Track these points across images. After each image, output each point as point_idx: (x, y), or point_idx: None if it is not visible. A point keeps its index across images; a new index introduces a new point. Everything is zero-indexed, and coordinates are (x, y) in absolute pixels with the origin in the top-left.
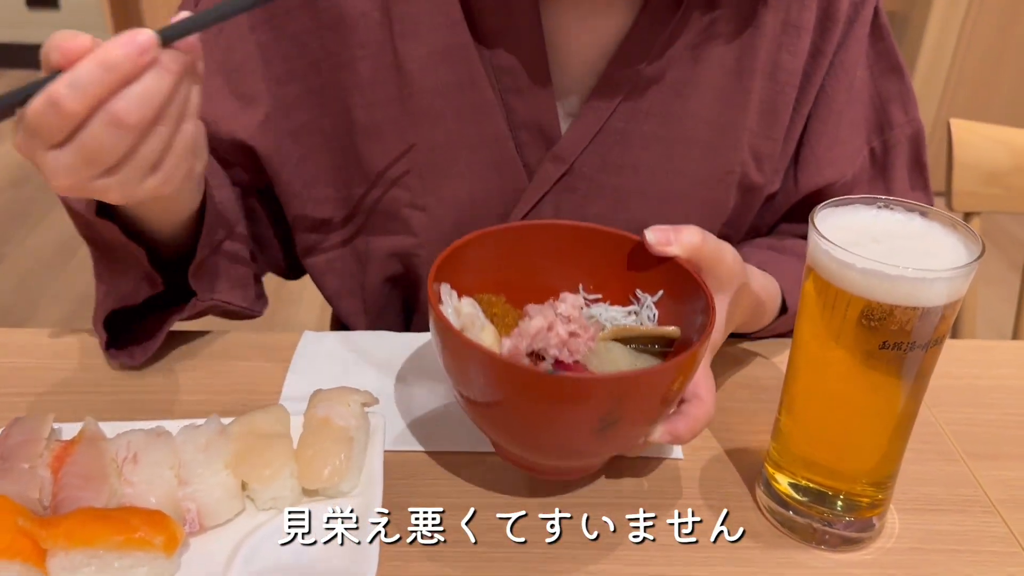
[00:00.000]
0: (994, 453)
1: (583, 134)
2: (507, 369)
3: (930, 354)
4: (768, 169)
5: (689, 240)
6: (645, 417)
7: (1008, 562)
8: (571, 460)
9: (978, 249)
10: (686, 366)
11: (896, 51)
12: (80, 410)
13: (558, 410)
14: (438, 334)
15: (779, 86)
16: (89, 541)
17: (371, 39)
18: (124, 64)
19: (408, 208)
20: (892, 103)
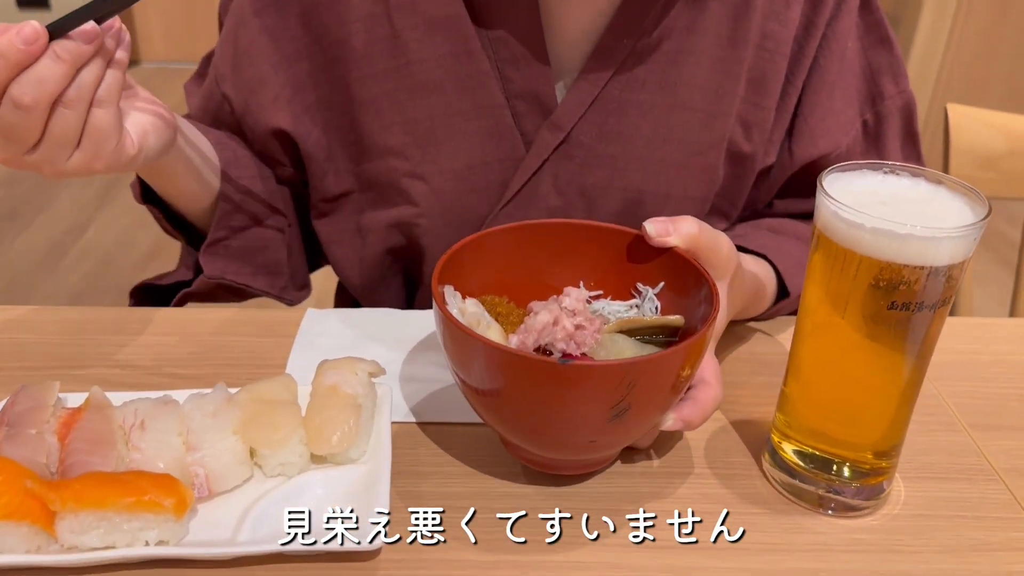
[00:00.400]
0: (997, 424)
1: (580, 102)
2: (518, 361)
3: (937, 315)
4: (757, 139)
5: (687, 230)
6: (657, 403)
7: (1013, 527)
8: (585, 452)
9: (984, 210)
10: (695, 349)
11: (885, 23)
12: (85, 383)
13: (571, 399)
14: (446, 333)
15: (768, 54)
16: (98, 503)
17: (366, 12)
18: (11, 53)
19: (408, 178)
20: (883, 75)
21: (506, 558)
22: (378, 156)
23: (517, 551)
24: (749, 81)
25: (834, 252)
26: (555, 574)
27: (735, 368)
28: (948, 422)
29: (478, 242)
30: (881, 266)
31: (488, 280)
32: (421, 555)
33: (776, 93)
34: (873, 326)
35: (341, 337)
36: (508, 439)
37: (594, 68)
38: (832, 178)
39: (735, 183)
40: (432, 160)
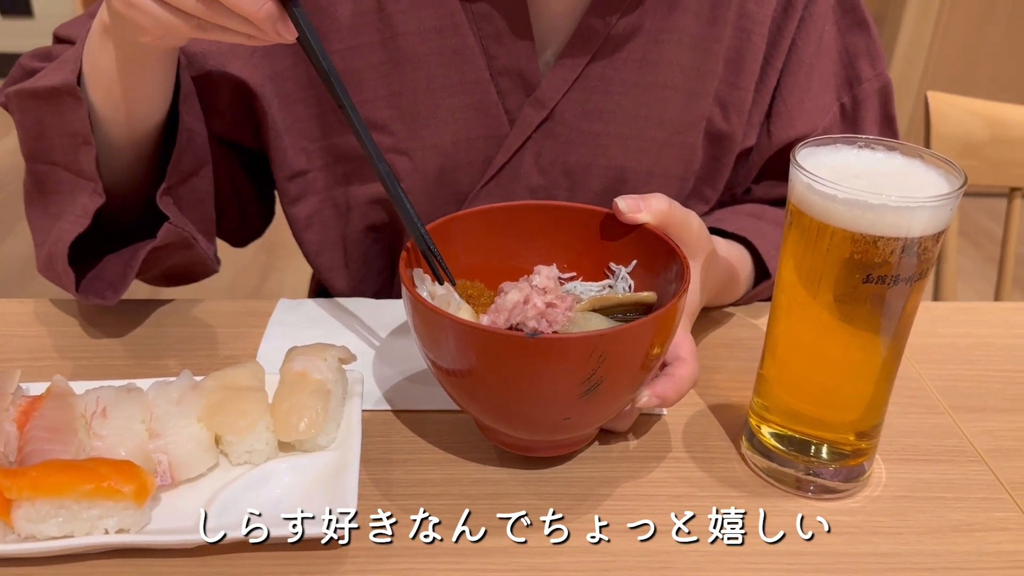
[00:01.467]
0: (979, 406)
1: (563, 80)
2: (487, 337)
3: (914, 289)
4: (735, 119)
5: (658, 206)
6: (629, 377)
7: (995, 508)
8: (560, 431)
9: (960, 181)
10: (665, 321)
11: (862, 6)
12: (47, 375)
13: (542, 374)
14: (415, 314)
15: (745, 34)
16: (56, 491)
17: None
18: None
19: (391, 153)
20: (860, 58)
21: (506, 558)
22: None
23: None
24: (727, 61)
25: (808, 226)
26: (533, 559)
27: (713, 352)
28: (930, 404)
29: (447, 225)
30: (855, 238)
31: (458, 264)
32: (420, 554)
33: (754, 74)
34: (849, 302)
35: (313, 326)
36: (482, 421)
37: (577, 45)
38: (806, 152)
39: (714, 164)
40: (416, 136)
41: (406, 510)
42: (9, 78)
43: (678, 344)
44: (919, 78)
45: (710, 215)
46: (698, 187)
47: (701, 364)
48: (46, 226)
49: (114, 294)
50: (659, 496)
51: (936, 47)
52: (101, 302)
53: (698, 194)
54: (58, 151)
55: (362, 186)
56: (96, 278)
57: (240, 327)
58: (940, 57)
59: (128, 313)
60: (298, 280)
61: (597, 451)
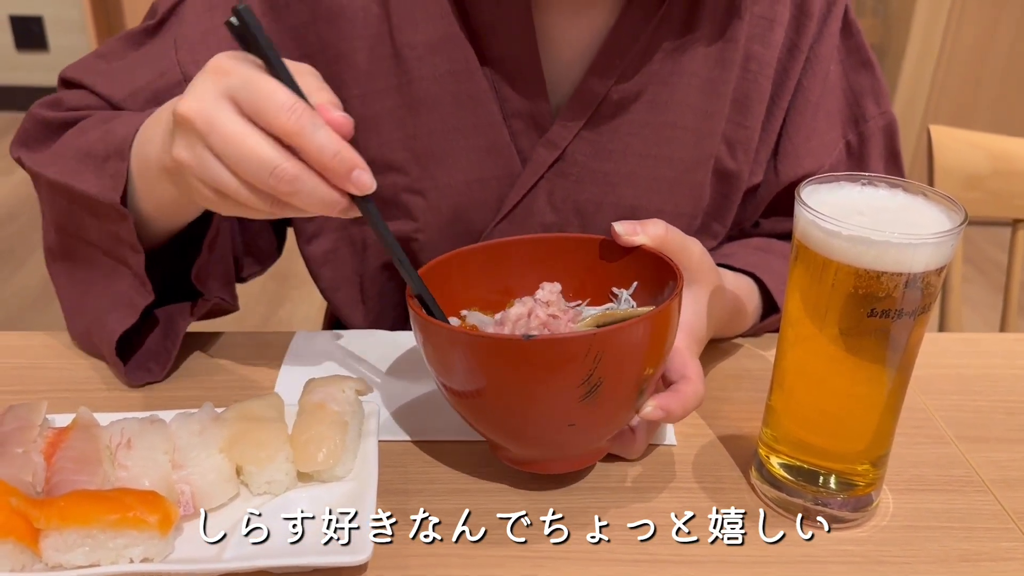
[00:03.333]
0: (984, 436)
1: (574, 121)
2: (484, 342)
3: (917, 323)
4: (742, 157)
5: (655, 231)
6: (629, 378)
7: (1002, 538)
8: (566, 439)
9: (960, 218)
10: (660, 318)
11: (866, 47)
12: (72, 406)
13: (540, 377)
14: (417, 326)
15: (751, 75)
16: (83, 520)
17: (370, 31)
18: (340, 168)
19: (407, 193)
20: (865, 97)
21: (506, 558)
22: (376, 172)
23: (517, 551)
24: (734, 101)
25: (813, 261)
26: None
27: (722, 383)
28: (936, 435)
29: (451, 261)
30: (859, 273)
31: (464, 297)
32: (421, 555)
33: (760, 114)
34: (855, 335)
35: (330, 357)
36: (491, 438)
37: (588, 87)
38: (810, 190)
39: (722, 202)
40: (431, 176)
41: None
42: (22, 131)
43: (684, 364)
44: (922, 111)
45: (718, 250)
46: (706, 223)
47: (711, 394)
48: (75, 293)
49: (160, 368)
50: (671, 526)
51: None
52: (150, 378)
53: (707, 230)
54: (94, 236)
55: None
56: (139, 354)
57: (258, 359)
58: (942, 90)
59: None
60: (308, 309)
61: (608, 481)
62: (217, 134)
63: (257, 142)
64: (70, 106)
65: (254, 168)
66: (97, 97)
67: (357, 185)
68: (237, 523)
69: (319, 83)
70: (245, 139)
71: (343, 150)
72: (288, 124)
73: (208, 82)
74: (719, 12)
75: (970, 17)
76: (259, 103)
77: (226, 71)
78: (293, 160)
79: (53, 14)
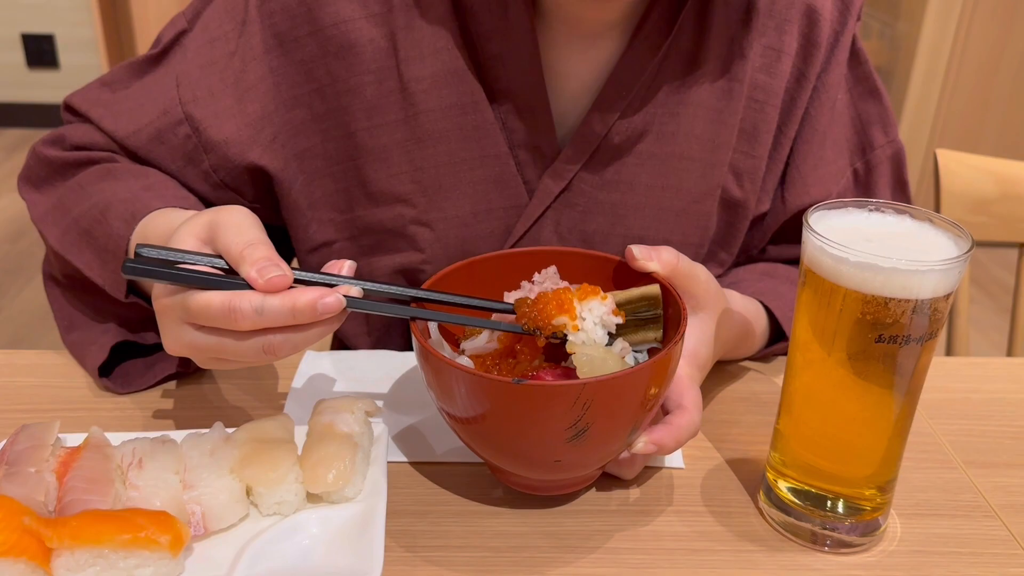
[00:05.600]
0: (992, 461)
1: (581, 152)
2: (477, 381)
3: (925, 349)
4: (749, 186)
5: (667, 259)
6: (618, 424)
7: (1010, 563)
8: (553, 472)
9: (967, 244)
10: (657, 369)
11: (874, 75)
12: (84, 425)
13: (528, 418)
14: (420, 356)
15: (759, 105)
16: (95, 540)
17: (378, 65)
18: (306, 315)
19: (414, 225)
20: (873, 125)
21: (506, 561)
22: (384, 203)
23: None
24: (741, 131)
25: (821, 287)
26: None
27: (731, 407)
28: (944, 460)
29: (463, 269)
30: (867, 299)
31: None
32: (424, 558)
33: (767, 143)
34: (863, 360)
35: (339, 378)
36: (486, 460)
37: (595, 119)
38: (818, 216)
39: (729, 230)
40: (438, 207)
41: (430, 561)
42: (27, 169)
43: (681, 394)
44: (928, 135)
45: (725, 275)
46: (713, 251)
47: (719, 418)
48: (67, 309)
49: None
50: (678, 550)
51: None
52: (113, 389)
53: (713, 258)
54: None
55: (385, 256)
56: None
57: (268, 379)
58: (949, 114)
59: None
60: None
61: (612, 503)
62: (202, 352)
63: (234, 344)
64: (73, 143)
65: (250, 357)
66: (101, 133)
67: (328, 311)
68: (247, 543)
69: (244, 237)
70: (224, 347)
71: (297, 302)
72: (238, 322)
73: (166, 324)
74: (725, 44)
75: (976, 41)
76: (204, 319)
77: (167, 309)
78: (272, 332)
79: (64, 32)
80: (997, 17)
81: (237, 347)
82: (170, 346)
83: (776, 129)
